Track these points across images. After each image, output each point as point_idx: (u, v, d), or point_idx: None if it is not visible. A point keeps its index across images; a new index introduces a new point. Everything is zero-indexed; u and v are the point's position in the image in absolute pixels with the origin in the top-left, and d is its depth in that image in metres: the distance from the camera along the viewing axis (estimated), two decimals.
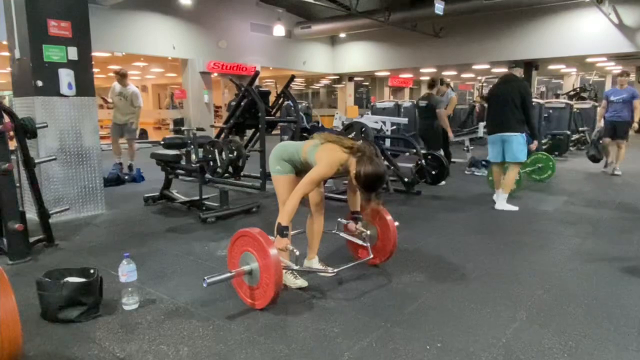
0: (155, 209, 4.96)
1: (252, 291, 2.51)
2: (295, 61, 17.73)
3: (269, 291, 2.40)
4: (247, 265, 2.51)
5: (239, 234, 2.60)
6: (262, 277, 2.44)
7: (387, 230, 3.09)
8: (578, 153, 10.77)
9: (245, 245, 2.55)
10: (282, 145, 2.93)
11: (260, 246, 2.44)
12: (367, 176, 2.56)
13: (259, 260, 2.45)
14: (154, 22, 13.04)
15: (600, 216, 4.66)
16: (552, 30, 14.27)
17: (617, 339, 2.18)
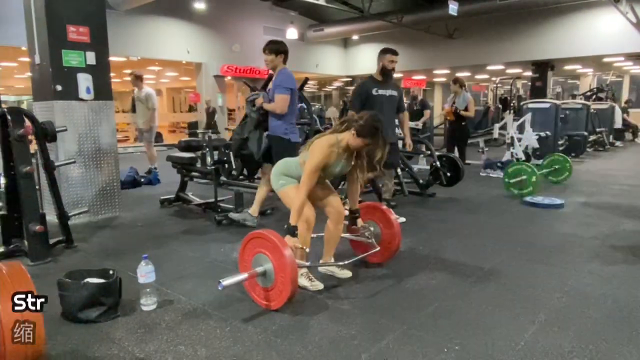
0: (171, 211, 5.01)
1: (266, 292, 2.52)
2: (308, 64, 17.79)
3: (285, 291, 2.41)
4: (260, 266, 2.52)
5: (250, 236, 2.62)
6: (277, 277, 2.44)
7: (390, 227, 3.10)
8: (595, 154, 10.62)
9: (257, 247, 2.56)
10: (282, 161, 2.95)
11: (274, 246, 2.45)
12: (366, 121, 2.63)
13: (273, 260, 2.46)
14: (169, 26, 13.21)
15: (620, 219, 4.58)
16: (567, 30, 14.09)
17: (639, 342, 2.14)
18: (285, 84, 3.82)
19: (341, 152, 2.73)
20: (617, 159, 9.96)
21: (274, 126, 3.90)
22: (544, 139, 8.73)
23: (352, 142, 2.69)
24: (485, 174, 7.63)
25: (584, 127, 10.17)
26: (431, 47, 16.85)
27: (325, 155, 2.66)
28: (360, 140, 2.67)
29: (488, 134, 8.87)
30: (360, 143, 2.68)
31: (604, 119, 11.94)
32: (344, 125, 2.75)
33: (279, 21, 15.83)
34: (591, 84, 20.49)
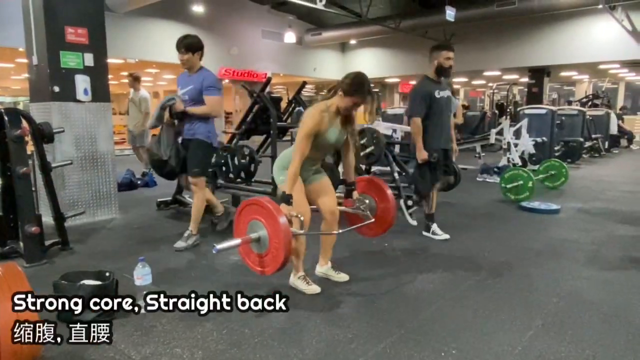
0: (167, 213, 5.00)
1: (261, 258, 2.52)
2: (305, 68, 17.83)
3: (278, 256, 2.40)
4: (255, 233, 2.52)
5: (245, 203, 2.62)
6: (271, 242, 2.44)
7: (386, 201, 3.08)
8: (591, 160, 10.68)
9: (252, 214, 2.55)
10: (283, 154, 2.91)
11: (268, 213, 2.44)
12: (351, 78, 2.59)
13: (267, 226, 2.46)
14: (167, 29, 13.20)
15: (616, 225, 4.60)
16: (564, 36, 14.19)
17: (636, 348, 2.15)
18: (218, 85, 3.60)
19: (332, 117, 2.68)
20: (613, 166, 10.02)
21: (197, 130, 3.61)
22: (540, 145, 8.77)
23: (341, 103, 2.63)
24: (482, 179, 7.65)
25: (580, 133, 10.23)
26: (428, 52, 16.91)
27: (316, 121, 2.60)
28: (349, 98, 2.60)
29: (485, 139, 8.90)
30: (348, 102, 2.62)
31: (599, 125, 12.01)
32: (331, 92, 2.70)
33: (277, 25, 15.87)
34: (587, 90, 20.62)
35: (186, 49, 3.50)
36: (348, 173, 2.97)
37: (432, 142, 3.81)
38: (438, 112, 3.77)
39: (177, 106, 3.56)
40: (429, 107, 3.75)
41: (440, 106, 3.79)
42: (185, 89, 3.58)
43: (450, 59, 3.77)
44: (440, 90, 3.79)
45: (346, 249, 3.56)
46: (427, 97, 3.75)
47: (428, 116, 3.77)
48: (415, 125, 3.80)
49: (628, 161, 11.03)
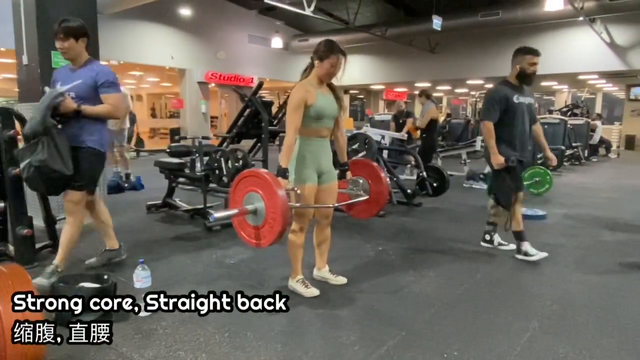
0: (158, 216, 4.95)
1: (256, 231, 2.51)
2: (292, 73, 17.85)
3: (275, 226, 2.39)
4: (251, 204, 2.50)
5: (242, 175, 2.61)
6: (267, 214, 2.43)
7: (379, 184, 3.11)
8: (572, 168, 10.94)
9: (249, 185, 2.54)
10: None
11: (266, 183, 2.44)
12: (322, 44, 2.64)
13: (264, 198, 2.44)
14: (154, 31, 13.12)
15: (600, 230, 4.73)
16: (545, 47, 14.42)
17: (629, 348, 2.21)
18: (117, 81, 2.98)
19: (317, 87, 2.69)
20: (593, 173, 10.28)
21: (89, 136, 2.91)
22: None
23: (321, 71, 2.66)
24: (469, 185, 7.77)
25: (561, 141, 10.48)
26: (413, 60, 17.18)
27: (301, 92, 2.61)
28: (326, 62, 2.63)
29: (470, 146, 9.06)
30: (326, 66, 2.64)
31: (579, 134, 12.33)
32: (307, 71, 2.74)
33: (264, 30, 15.91)
34: (567, 100, 21.16)
35: (65, 34, 2.89)
36: (341, 153, 2.99)
37: (506, 150, 3.50)
38: (514, 119, 3.46)
39: (68, 104, 2.75)
40: (504, 112, 3.46)
41: (517, 112, 3.47)
42: (69, 85, 2.78)
43: (535, 64, 3.45)
44: (519, 96, 3.48)
45: (341, 253, 3.58)
46: (503, 101, 3.45)
47: (503, 122, 3.48)
48: (486, 129, 3.51)
49: (607, 169, 11.34)
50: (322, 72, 2.67)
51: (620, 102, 25.19)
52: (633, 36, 13.12)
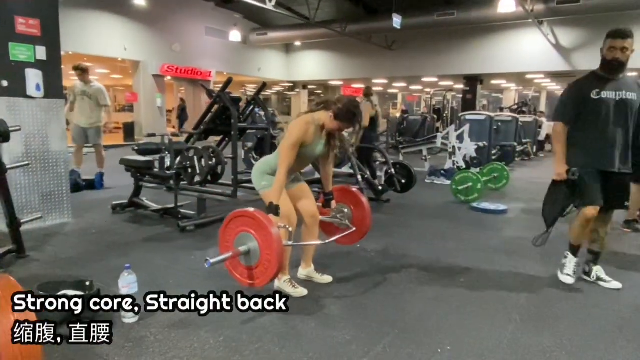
0: (125, 217, 4.76)
1: (250, 271, 2.51)
2: (250, 67, 17.65)
3: (270, 268, 2.41)
4: (244, 245, 2.50)
5: (232, 215, 2.59)
6: (262, 254, 2.44)
7: (361, 209, 3.18)
8: (522, 163, 11.52)
9: (240, 226, 2.53)
10: (262, 161, 2.95)
11: (259, 224, 2.44)
12: (346, 105, 2.68)
13: (258, 238, 2.45)
14: (105, 21, 12.54)
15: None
16: (497, 47, 15.19)
17: (605, 337, 2.38)
18: None
19: (318, 131, 2.75)
20: (542, 168, 10.86)
21: None
22: (481, 149, 9.33)
23: (329, 124, 2.72)
24: (430, 181, 8.01)
25: (513, 138, 11.00)
26: (371, 57, 17.41)
27: (303, 131, 2.67)
28: (337, 123, 2.70)
29: (430, 142, 9.33)
30: (336, 126, 2.72)
31: (528, 131, 12.98)
32: (321, 105, 2.78)
33: (222, 23, 15.58)
34: (515, 98, 22.17)
35: None
36: (327, 183, 3.05)
37: (580, 158, 2.95)
38: (594, 118, 2.88)
39: None
40: (579, 111, 2.92)
41: (597, 110, 2.87)
42: None
43: (614, 49, 2.83)
44: (603, 90, 2.86)
45: (320, 251, 3.58)
46: (577, 97, 2.94)
47: (578, 122, 2.95)
48: (554, 131, 3.05)
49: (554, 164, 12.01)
50: (330, 127, 2.74)
51: None
52: (576, 39, 13.93)
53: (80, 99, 6.26)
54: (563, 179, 2.99)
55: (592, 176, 2.91)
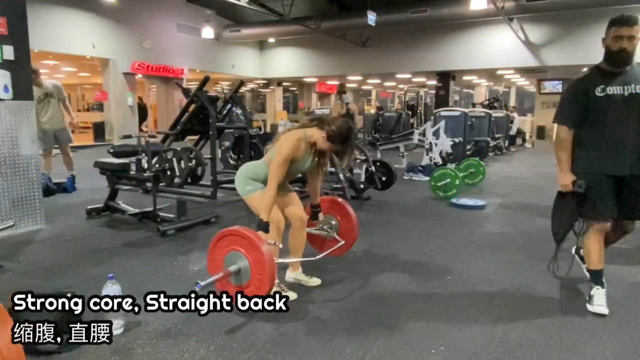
0: (101, 222, 4.60)
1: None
2: (223, 65, 17.41)
3: (262, 287, 2.37)
4: (234, 265, 2.45)
5: (221, 234, 2.55)
6: (253, 274, 2.40)
7: (348, 218, 3.19)
8: (496, 158, 11.75)
9: (230, 245, 2.49)
10: (247, 165, 2.93)
11: (250, 243, 2.41)
12: (339, 128, 2.68)
13: (248, 257, 2.41)
14: (72, 18, 12.12)
15: (533, 217, 5.13)
16: (469, 44, 15.42)
17: (591, 330, 2.43)
18: None
19: (308, 148, 2.75)
20: (514, 162, 11.12)
21: None
22: (457, 145, 9.46)
23: (321, 144, 2.73)
24: (409, 177, 8.07)
25: (487, 133, 11.20)
26: (345, 54, 17.43)
27: (294, 148, 2.66)
28: (329, 144, 2.72)
29: (407, 139, 9.40)
30: (328, 147, 2.75)
31: (500, 126, 13.25)
32: (314, 122, 2.78)
33: (194, 19, 15.29)
34: (486, 94, 22.61)
35: None
36: (314, 196, 3.05)
37: (586, 162, 2.63)
38: (604, 118, 2.56)
39: None
40: (585, 110, 2.60)
41: (604, 108, 2.55)
42: None
43: (620, 38, 2.48)
44: (609, 85, 2.54)
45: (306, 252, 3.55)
46: (581, 95, 2.60)
47: (583, 123, 2.62)
48: (556, 136, 2.73)
49: (526, 158, 12.31)
50: (322, 147, 2.74)
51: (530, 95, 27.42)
52: (545, 35, 14.29)
53: (47, 101, 5.92)
54: (569, 190, 2.65)
55: (601, 183, 2.58)
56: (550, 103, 19.00)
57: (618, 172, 2.57)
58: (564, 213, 2.75)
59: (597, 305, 2.62)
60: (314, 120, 2.79)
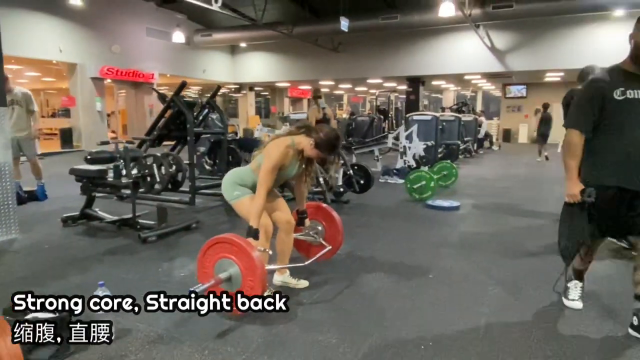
0: (77, 230, 4.51)
1: None
2: (194, 69, 17.23)
3: (254, 293, 2.37)
4: (225, 272, 2.47)
5: (211, 242, 2.57)
6: (245, 280, 2.43)
7: (333, 223, 3.29)
8: (465, 161, 12.09)
9: (219, 252, 2.52)
10: (232, 172, 2.98)
11: (240, 249, 2.44)
12: (327, 136, 2.75)
13: (239, 264, 2.44)
14: (38, 22, 11.78)
15: (505, 217, 5.33)
16: (438, 49, 15.82)
17: (572, 322, 2.56)
18: None
19: (295, 154, 2.81)
20: (483, 165, 11.46)
21: None
22: (429, 148, 9.69)
23: (309, 151, 2.80)
24: (384, 180, 8.21)
25: (457, 136, 11.51)
26: (317, 59, 17.54)
27: (283, 155, 2.71)
28: (317, 152, 2.79)
29: (382, 143, 9.56)
30: (316, 154, 2.82)
31: (469, 129, 13.63)
32: (302, 130, 2.83)
33: (164, 23, 15.09)
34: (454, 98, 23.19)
35: None
36: (300, 202, 3.11)
37: (598, 171, 2.41)
38: (619, 124, 2.31)
39: None
40: (602, 114, 2.34)
41: (623, 114, 2.30)
42: None
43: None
44: (630, 89, 2.27)
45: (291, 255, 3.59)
46: (597, 98, 2.33)
47: (598, 128, 2.37)
48: (566, 141, 2.45)
49: (494, 160, 12.71)
50: (309, 153, 2.80)
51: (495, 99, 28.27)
52: (509, 42, 14.81)
53: (11, 108, 5.70)
54: (576, 200, 2.41)
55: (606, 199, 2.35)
56: (515, 107, 19.72)
57: (634, 186, 2.31)
58: (573, 226, 2.47)
59: (571, 300, 2.72)
60: (302, 127, 2.85)
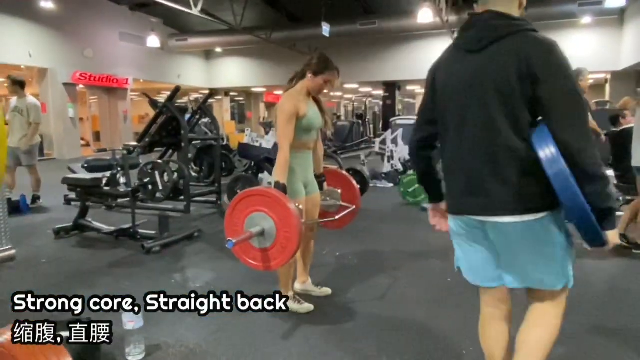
0: (72, 242, 4.29)
1: (264, 253, 2.34)
2: (169, 74, 16.90)
3: (289, 247, 2.26)
4: (257, 226, 2.33)
5: (240, 196, 2.41)
6: (279, 233, 2.28)
7: (351, 189, 3.16)
8: None
9: (251, 206, 2.35)
10: None
11: (275, 201, 2.30)
12: (316, 58, 2.66)
13: (273, 217, 2.29)
14: (6, 25, 11.27)
15: None
16: (414, 55, 16.06)
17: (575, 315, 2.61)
18: None
19: (307, 99, 2.67)
20: None
21: None
22: None
23: (312, 85, 2.65)
24: (373, 184, 8.21)
25: None
26: (294, 63, 16.98)
27: (292, 102, 2.56)
28: (319, 78, 2.64)
29: (369, 146, 9.59)
30: (319, 81, 2.65)
31: None
32: (294, 80, 2.71)
33: (138, 28, 14.74)
34: None
35: None
36: (318, 165, 2.95)
37: None
38: None
39: None
40: None
41: None
42: None
43: None
44: None
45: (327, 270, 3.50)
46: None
47: None
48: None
49: None
50: (313, 86, 2.64)
51: None
52: None
53: (13, 115, 5.48)
54: None
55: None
56: None
57: None
58: None
59: None
60: (293, 78, 2.72)
